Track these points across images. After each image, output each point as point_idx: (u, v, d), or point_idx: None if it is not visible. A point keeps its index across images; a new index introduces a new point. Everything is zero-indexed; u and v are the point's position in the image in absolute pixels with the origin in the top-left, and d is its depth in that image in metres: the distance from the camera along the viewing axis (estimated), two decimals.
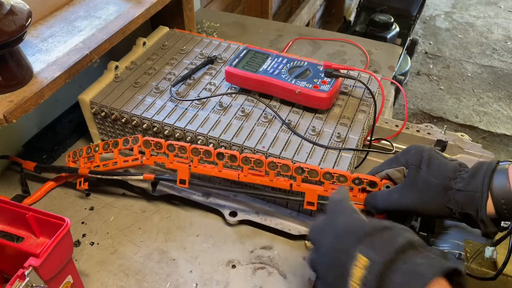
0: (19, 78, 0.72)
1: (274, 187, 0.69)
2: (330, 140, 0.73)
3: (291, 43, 1.23)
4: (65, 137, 0.92)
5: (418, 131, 0.87)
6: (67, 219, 0.57)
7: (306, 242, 0.59)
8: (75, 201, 0.82)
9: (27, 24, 0.68)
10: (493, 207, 0.52)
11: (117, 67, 0.86)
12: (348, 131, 0.74)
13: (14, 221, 0.61)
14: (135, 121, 0.78)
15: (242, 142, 0.72)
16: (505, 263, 0.63)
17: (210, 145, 0.74)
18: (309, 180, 0.67)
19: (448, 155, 0.85)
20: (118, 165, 0.75)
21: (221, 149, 0.69)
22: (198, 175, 0.73)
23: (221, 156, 0.68)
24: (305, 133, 0.74)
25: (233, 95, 0.82)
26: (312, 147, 0.72)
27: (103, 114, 0.80)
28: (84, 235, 0.75)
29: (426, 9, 3.36)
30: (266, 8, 1.86)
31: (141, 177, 0.73)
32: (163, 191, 0.78)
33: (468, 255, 0.65)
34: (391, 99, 1.28)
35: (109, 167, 0.75)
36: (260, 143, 0.72)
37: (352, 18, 2.56)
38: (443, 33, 3.18)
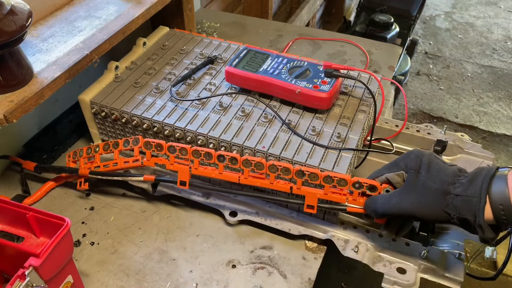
0: (19, 78, 0.72)
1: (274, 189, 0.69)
2: (330, 140, 0.73)
3: (291, 43, 1.23)
4: (65, 137, 0.92)
5: (418, 131, 0.87)
6: (67, 219, 0.57)
7: (307, 243, 0.59)
8: (75, 201, 0.82)
9: (27, 24, 0.68)
10: (491, 213, 0.52)
11: (117, 67, 0.86)
12: (348, 131, 0.74)
13: (15, 221, 0.61)
14: (135, 121, 0.78)
15: (242, 142, 0.72)
16: (505, 263, 0.63)
17: (210, 145, 0.74)
18: (309, 183, 0.67)
19: (448, 155, 0.85)
20: (118, 166, 0.75)
21: (222, 151, 0.69)
22: (198, 176, 0.73)
23: (222, 158, 0.68)
24: (305, 133, 0.74)
25: (233, 95, 0.82)
26: (312, 147, 0.72)
27: (103, 114, 0.80)
28: (84, 235, 0.75)
29: (426, 9, 3.35)
30: (266, 8, 1.86)
31: (141, 178, 0.73)
32: (163, 191, 0.78)
33: (468, 255, 0.65)
34: (391, 99, 1.28)
35: (109, 167, 0.76)
36: (260, 143, 0.72)
37: (352, 18, 2.56)
38: (443, 33, 3.18)
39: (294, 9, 2.30)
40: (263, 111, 0.78)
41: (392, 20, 2.18)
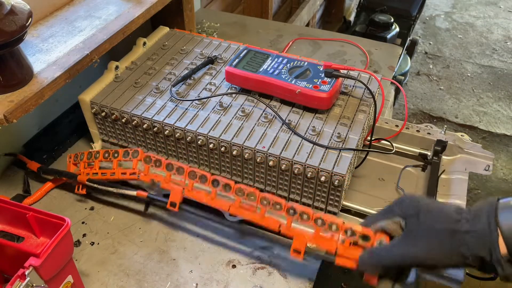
0: (20, 78, 0.72)
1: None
2: (330, 140, 0.73)
3: (291, 43, 1.23)
4: (65, 137, 0.92)
5: (418, 131, 0.87)
6: (68, 219, 0.57)
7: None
8: (75, 201, 0.82)
9: (27, 24, 0.68)
10: (505, 247, 0.48)
11: (117, 67, 0.86)
12: (348, 131, 0.74)
13: (15, 221, 0.61)
14: (135, 121, 0.78)
15: (242, 142, 0.72)
16: None
17: (210, 145, 0.74)
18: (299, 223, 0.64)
19: (448, 155, 0.85)
20: (115, 176, 0.75)
21: (217, 175, 0.68)
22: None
23: (216, 183, 0.67)
24: (305, 133, 0.74)
25: (233, 95, 0.82)
26: (312, 147, 0.72)
27: (103, 114, 0.80)
28: (84, 235, 0.75)
29: (426, 9, 3.36)
30: (266, 8, 1.86)
31: (134, 193, 0.73)
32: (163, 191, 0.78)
33: None
34: (391, 99, 1.28)
35: (107, 176, 0.76)
36: (260, 143, 0.72)
37: (352, 18, 2.55)
38: (443, 33, 3.18)
39: (294, 9, 2.30)
40: (263, 111, 0.78)
41: (392, 20, 2.18)
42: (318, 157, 0.70)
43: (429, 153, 0.85)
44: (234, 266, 0.71)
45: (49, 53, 0.80)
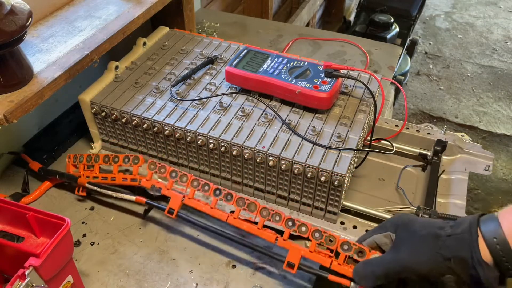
0: (20, 78, 0.72)
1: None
2: (330, 140, 0.73)
3: (291, 43, 1.23)
4: (65, 137, 0.92)
5: (418, 131, 0.87)
6: (68, 219, 0.57)
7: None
8: (75, 201, 0.82)
9: (27, 24, 0.68)
10: (487, 250, 0.49)
11: (117, 67, 0.86)
12: (348, 131, 0.74)
13: (15, 221, 0.61)
14: (135, 121, 0.78)
15: (242, 142, 0.72)
16: None
17: (210, 145, 0.74)
18: (297, 235, 0.65)
19: (448, 155, 0.85)
20: (116, 181, 0.76)
21: (219, 186, 0.69)
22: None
23: (218, 192, 0.68)
24: (305, 133, 0.74)
25: (233, 95, 0.82)
26: (312, 147, 0.72)
27: (103, 114, 0.80)
28: (84, 235, 0.75)
29: (426, 9, 3.36)
30: (266, 8, 1.86)
31: (133, 198, 0.74)
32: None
33: None
34: (391, 99, 1.28)
35: (107, 180, 0.76)
36: (260, 143, 0.72)
37: (352, 18, 2.56)
38: (443, 33, 3.18)
39: (294, 9, 2.30)
40: (263, 111, 0.78)
41: (392, 20, 2.18)
42: (318, 157, 0.70)
43: (429, 153, 0.85)
44: (234, 266, 0.71)
45: (49, 53, 0.80)
